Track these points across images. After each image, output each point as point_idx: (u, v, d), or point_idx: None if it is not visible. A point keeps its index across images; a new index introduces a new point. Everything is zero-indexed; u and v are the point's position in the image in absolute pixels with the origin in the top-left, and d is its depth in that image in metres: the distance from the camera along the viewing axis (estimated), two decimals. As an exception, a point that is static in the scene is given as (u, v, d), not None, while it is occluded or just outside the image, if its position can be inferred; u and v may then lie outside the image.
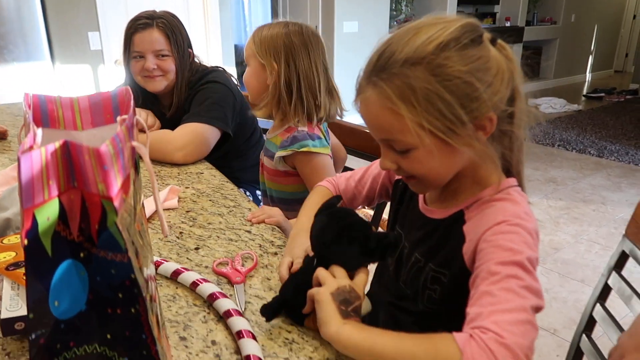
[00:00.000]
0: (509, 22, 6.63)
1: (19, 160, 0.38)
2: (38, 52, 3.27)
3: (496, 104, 0.64)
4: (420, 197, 0.81)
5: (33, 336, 0.43)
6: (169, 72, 1.52)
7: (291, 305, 0.69)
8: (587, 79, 8.30)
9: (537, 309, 0.59)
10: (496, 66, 0.65)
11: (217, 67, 1.62)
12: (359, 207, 1.00)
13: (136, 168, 0.53)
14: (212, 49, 4.11)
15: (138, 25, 1.48)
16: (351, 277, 0.68)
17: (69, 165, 0.42)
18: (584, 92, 7.14)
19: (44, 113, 0.56)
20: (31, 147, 0.42)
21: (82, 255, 0.46)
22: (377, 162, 0.94)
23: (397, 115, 0.63)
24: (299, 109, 1.21)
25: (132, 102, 0.54)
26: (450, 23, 0.64)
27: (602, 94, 6.67)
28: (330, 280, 0.65)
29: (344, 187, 0.98)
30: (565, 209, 3.12)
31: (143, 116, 1.53)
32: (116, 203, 0.42)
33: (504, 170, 0.73)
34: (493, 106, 0.64)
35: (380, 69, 0.65)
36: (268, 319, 0.69)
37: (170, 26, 1.50)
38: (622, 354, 0.55)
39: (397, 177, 0.90)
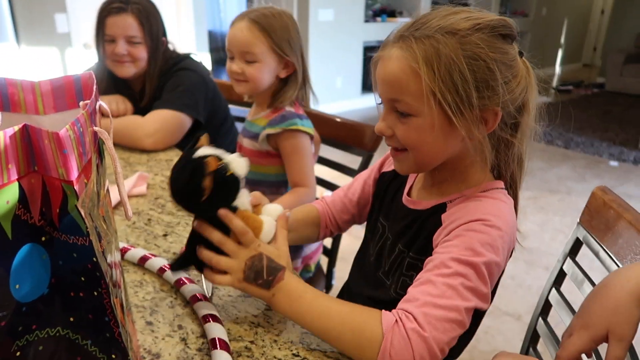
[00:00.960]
0: (482, 14, 6.71)
1: (-24, 143, 0.38)
2: (2, 33, 3.16)
3: (506, 102, 0.66)
4: (405, 189, 0.82)
5: (-4, 317, 0.43)
6: (139, 59, 1.49)
7: (194, 260, 0.70)
8: (556, 72, 8.49)
9: (479, 309, 0.63)
10: (517, 69, 0.68)
11: (188, 54, 1.60)
12: (349, 222, 0.96)
13: (100, 153, 0.53)
14: (184, 35, 4.04)
15: (112, 8, 1.44)
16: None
17: (29, 149, 0.42)
18: (554, 84, 7.30)
19: (5, 96, 0.55)
20: None
21: (43, 239, 0.46)
22: (365, 171, 0.95)
23: (414, 76, 0.64)
24: (294, 94, 1.24)
25: (94, 86, 0.53)
26: (490, 14, 0.68)
27: (571, 87, 6.84)
28: (230, 265, 0.66)
29: (331, 199, 0.96)
30: (532, 198, 3.21)
31: (115, 102, 1.50)
32: (76, 187, 0.42)
33: (495, 177, 0.75)
34: (503, 103, 0.66)
35: (414, 29, 0.66)
36: (173, 270, 0.74)
37: (145, 13, 1.46)
38: (571, 332, 0.59)
39: (383, 170, 0.91)
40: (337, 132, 1.44)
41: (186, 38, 4.03)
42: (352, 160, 1.34)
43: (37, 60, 3.33)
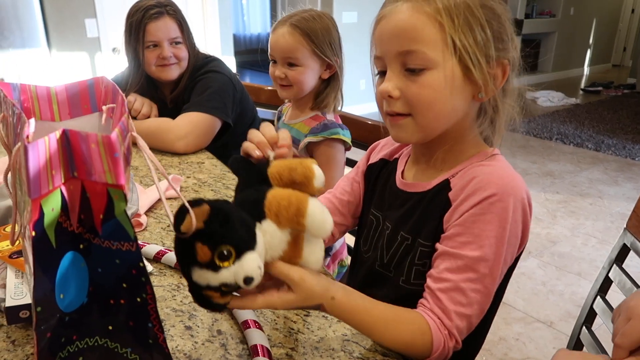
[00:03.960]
0: (508, 15, 6.61)
1: (25, 150, 0.37)
2: (34, 39, 3.23)
3: (511, 57, 0.67)
4: (398, 173, 0.79)
5: (42, 328, 0.42)
6: (183, 59, 1.52)
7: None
8: (585, 73, 8.30)
9: None
10: (512, 26, 0.69)
11: (214, 57, 1.61)
12: (341, 225, 0.89)
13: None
14: (210, 38, 4.07)
15: (152, 14, 1.46)
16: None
17: (68, 154, 0.42)
18: (582, 85, 7.14)
19: (18, 103, 0.54)
20: (27, 138, 0.40)
21: (81, 246, 0.45)
22: (352, 169, 0.92)
23: (433, 24, 0.63)
24: (337, 95, 1.25)
25: (118, 90, 0.52)
26: None
27: (600, 88, 6.67)
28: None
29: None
30: (562, 202, 3.13)
31: (139, 103, 1.52)
32: (126, 191, 0.42)
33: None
34: (509, 57, 0.67)
35: None
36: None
37: (180, 13, 1.51)
38: (629, 316, 0.52)
39: (370, 162, 0.87)
40: (367, 135, 1.42)
41: (212, 41, 4.07)
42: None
43: (68, 65, 3.40)
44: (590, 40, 8.22)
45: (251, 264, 0.49)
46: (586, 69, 8.39)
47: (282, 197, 0.52)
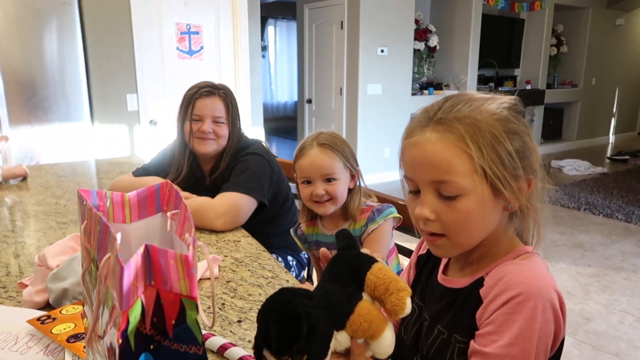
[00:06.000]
0: (529, 85, 6.76)
1: (121, 270, 0.42)
2: (78, 113, 3.45)
3: (535, 169, 0.71)
4: (440, 268, 0.82)
5: None
6: (222, 137, 1.63)
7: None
8: (610, 141, 8.30)
9: None
10: (532, 138, 0.73)
11: (257, 139, 1.71)
12: None
13: None
14: (240, 107, 4.26)
15: (203, 92, 1.62)
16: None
17: (148, 266, 0.47)
18: (608, 154, 7.12)
19: (95, 207, 0.61)
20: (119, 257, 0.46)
21: (151, 347, 0.49)
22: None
23: (463, 156, 0.67)
24: (361, 200, 1.33)
25: (180, 197, 0.59)
26: (502, 96, 0.73)
27: (627, 157, 6.64)
28: None
29: None
30: (594, 276, 3.06)
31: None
32: (198, 302, 0.46)
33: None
34: (534, 170, 0.71)
35: (448, 112, 0.69)
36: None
37: (230, 98, 1.65)
38: None
39: (420, 253, 0.91)
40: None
41: (243, 110, 4.25)
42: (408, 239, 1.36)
43: (108, 137, 3.60)
44: (614, 109, 8.28)
45: None
46: (611, 137, 8.39)
47: (365, 319, 0.58)
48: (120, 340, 0.43)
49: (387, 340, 0.60)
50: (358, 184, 1.34)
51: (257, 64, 4.25)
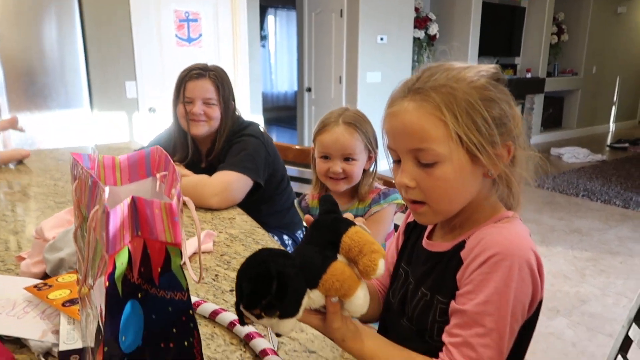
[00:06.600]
0: (529, 74, 6.74)
1: (107, 214, 0.44)
2: (78, 100, 3.47)
3: (514, 135, 0.72)
4: (425, 233, 0.84)
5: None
6: (214, 118, 1.65)
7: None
8: (610, 129, 8.29)
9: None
10: (513, 105, 0.74)
11: (253, 121, 1.73)
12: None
13: None
14: (240, 96, 4.28)
15: (192, 74, 1.63)
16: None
17: (134, 217, 0.49)
18: (608, 142, 7.12)
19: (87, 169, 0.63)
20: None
21: (139, 295, 0.52)
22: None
23: (438, 123, 0.69)
24: (372, 182, 1.35)
25: (170, 160, 0.61)
26: (482, 65, 0.74)
27: (627, 145, 6.64)
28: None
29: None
30: (591, 260, 3.08)
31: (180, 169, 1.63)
32: (182, 248, 0.49)
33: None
34: (512, 136, 0.72)
35: (423, 82, 0.71)
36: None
37: (220, 79, 1.66)
38: None
39: (408, 220, 0.93)
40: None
41: (242, 99, 4.27)
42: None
43: (108, 123, 3.62)
44: (615, 97, 8.26)
45: (287, 327, 0.59)
46: (612, 126, 8.38)
47: (337, 278, 0.61)
48: (107, 283, 0.45)
49: (359, 300, 0.63)
50: (373, 165, 1.35)
51: (256, 53, 4.25)
